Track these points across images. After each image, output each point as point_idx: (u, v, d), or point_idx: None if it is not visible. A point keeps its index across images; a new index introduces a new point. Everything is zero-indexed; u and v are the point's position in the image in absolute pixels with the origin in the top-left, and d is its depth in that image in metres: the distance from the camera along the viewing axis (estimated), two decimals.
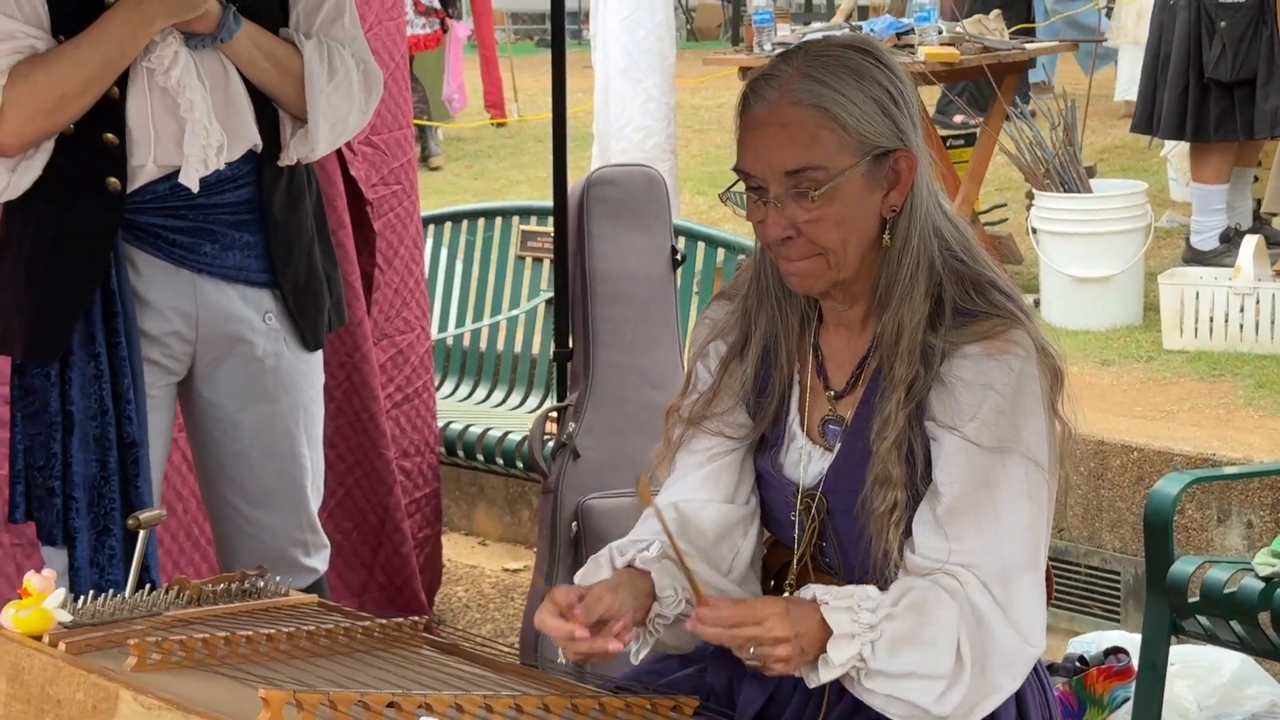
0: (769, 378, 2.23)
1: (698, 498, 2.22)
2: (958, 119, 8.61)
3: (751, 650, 1.98)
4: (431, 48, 10.13)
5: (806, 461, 2.20)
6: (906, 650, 2.00)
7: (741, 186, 2.15)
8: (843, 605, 2.00)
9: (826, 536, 2.18)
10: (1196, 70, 6.14)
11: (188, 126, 2.77)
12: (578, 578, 2.16)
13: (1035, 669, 2.22)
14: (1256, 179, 6.65)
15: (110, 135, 2.75)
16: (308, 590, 2.63)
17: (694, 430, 2.24)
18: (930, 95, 8.07)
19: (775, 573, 2.28)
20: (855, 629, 1.99)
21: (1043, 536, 2.09)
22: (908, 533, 2.08)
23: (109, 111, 2.75)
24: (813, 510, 2.18)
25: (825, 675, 2.00)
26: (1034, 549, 2.07)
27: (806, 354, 2.23)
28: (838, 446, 2.17)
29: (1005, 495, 2.04)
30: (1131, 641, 3.63)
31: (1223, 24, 5.99)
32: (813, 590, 2.03)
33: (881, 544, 2.08)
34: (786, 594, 2.21)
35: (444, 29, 10.26)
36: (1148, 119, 6.42)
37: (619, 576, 2.13)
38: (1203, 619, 3.37)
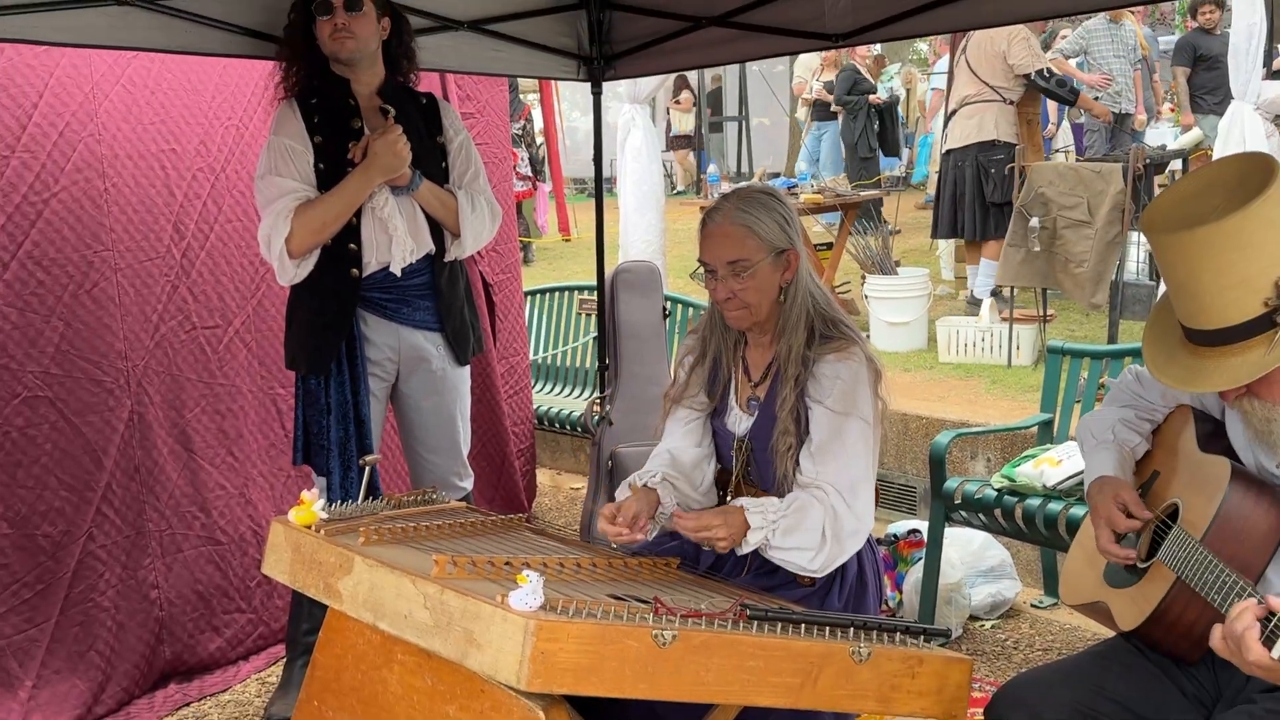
0: (716, 375, 2.23)
1: (682, 445, 2.22)
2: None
3: (706, 541, 1.98)
4: (528, 197, 10.12)
5: (738, 422, 2.19)
6: (791, 535, 1.99)
7: (701, 271, 2.15)
8: (757, 510, 2.00)
9: (750, 464, 2.17)
10: (981, 197, 6.03)
11: (394, 239, 2.76)
12: (617, 494, 2.19)
13: (869, 542, 2.21)
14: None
15: (352, 245, 2.74)
16: (461, 500, 2.61)
17: (676, 406, 2.24)
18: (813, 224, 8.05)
19: (721, 485, 2.26)
20: (763, 523, 1.99)
21: (872, 463, 2.08)
22: (796, 463, 2.07)
23: (350, 232, 2.73)
24: (743, 448, 2.17)
25: (745, 549, 2.01)
26: (867, 470, 2.06)
27: (738, 362, 2.22)
28: (756, 413, 2.16)
29: (850, 440, 2.03)
30: (923, 526, 3.61)
31: (992, 170, 5.94)
32: (741, 501, 2.03)
33: (782, 469, 2.07)
34: (729, 498, 2.21)
35: (534, 187, 10.25)
36: (949, 227, 6.24)
37: (639, 493, 2.14)
38: (963, 513, 3.35)
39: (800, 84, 10.34)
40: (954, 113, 6.16)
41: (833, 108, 9.45)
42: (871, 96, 9.26)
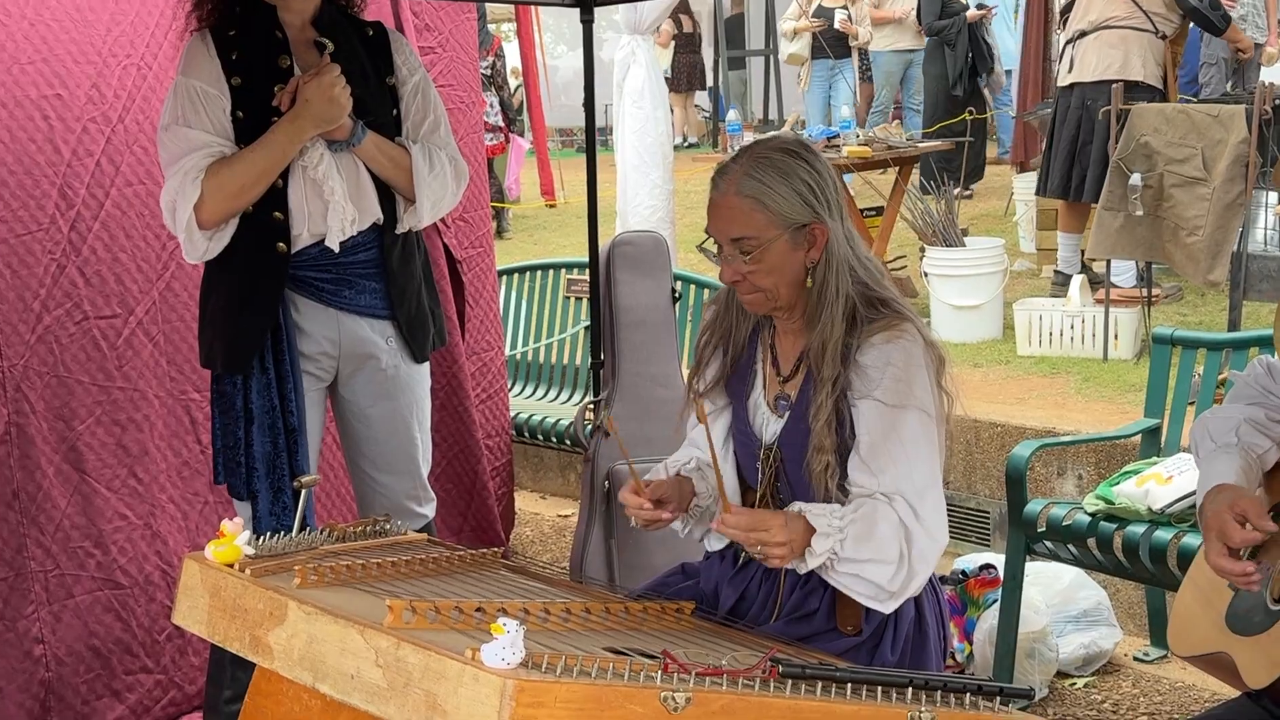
0: (735, 365, 2.26)
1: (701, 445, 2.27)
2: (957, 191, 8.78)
3: (759, 548, 1.98)
4: (499, 153, 10.13)
5: (765, 424, 2.20)
6: (865, 544, 2.00)
7: (710, 243, 2.18)
8: (821, 513, 2.01)
9: (780, 479, 2.18)
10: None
11: (330, 206, 2.76)
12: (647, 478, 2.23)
13: (931, 580, 2.20)
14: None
15: (277, 213, 2.74)
16: (420, 531, 2.62)
17: (702, 399, 2.27)
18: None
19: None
20: (830, 529, 2.00)
21: (939, 463, 2.08)
22: (841, 484, 2.07)
23: (276, 197, 2.73)
24: (771, 458, 2.18)
25: (811, 563, 2.02)
26: (933, 473, 2.06)
27: (766, 354, 2.23)
28: (786, 414, 2.17)
29: (909, 437, 2.04)
30: (998, 560, 3.61)
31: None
32: (797, 505, 2.05)
33: (821, 491, 2.07)
34: None
35: (506, 141, 10.26)
36: (1062, 183, 5.99)
37: (672, 479, 2.21)
38: (1048, 543, 3.35)
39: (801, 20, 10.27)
40: (1079, 36, 6.00)
41: (923, 36, 9.29)
42: (970, 13, 8.99)
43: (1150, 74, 5.87)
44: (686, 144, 14.09)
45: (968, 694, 1.76)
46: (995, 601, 3.49)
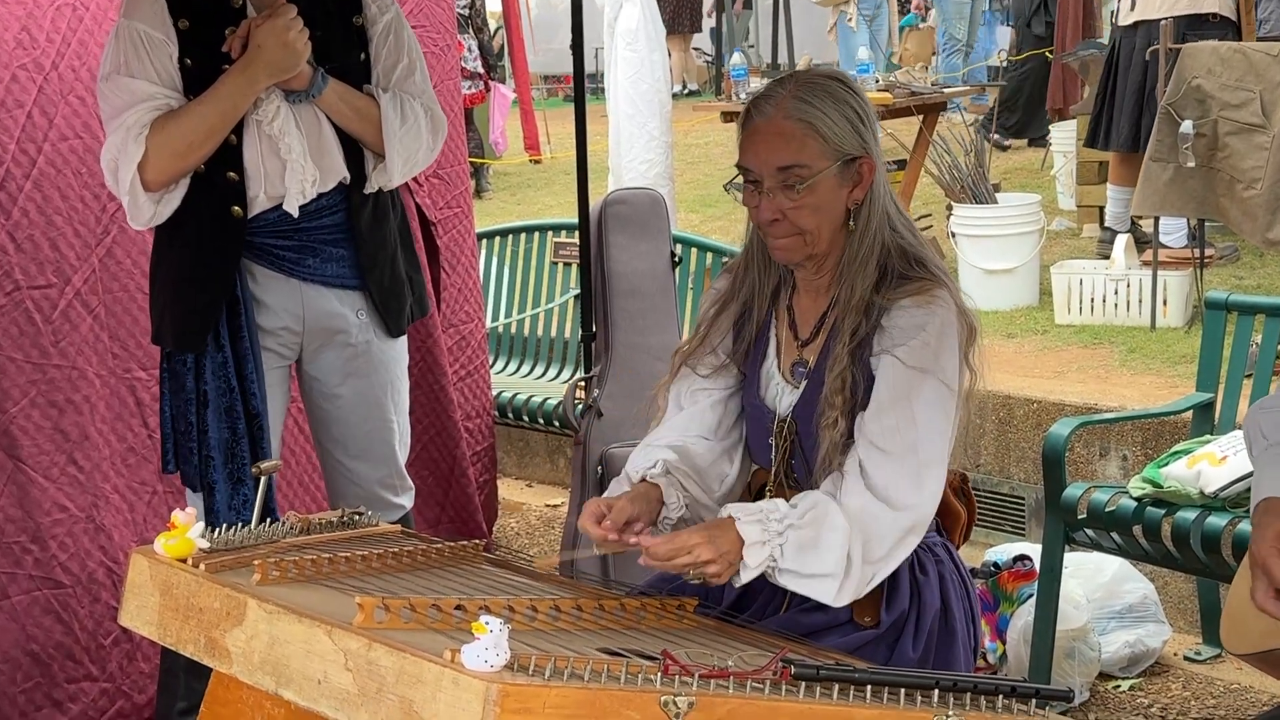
0: (748, 330, 2.25)
1: (692, 431, 2.24)
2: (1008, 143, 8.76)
3: (690, 572, 1.99)
4: (478, 103, 10.10)
5: (780, 395, 2.21)
6: (808, 555, 2.00)
7: (740, 180, 2.18)
8: (753, 519, 2.01)
9: (795, 455, 2.19)
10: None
11: (288, 165, 2.75)
12: (607, 492, 2.21)
13: (959, 571, 2.22)
14: None
15: (231, 174, 2.73)
16: (397, 523, 2.62)
17: (689, 373, 2.26)
18: None
19: (756, 491, 2.28)
20: (765, 536, 2.00)
21: (947, 444, 2.09)
22: (843, 449, 2.07)
23: (229, 155, 2.72)
24: (785, 432, 2.19)
25: (745, 576, 2.02)
26: (940, 450, 2.07)
27: (782, 313, 2.24)
28: (803, 384, 2.18)
29: (922, 404, 2.05)
30: (1034, 551, 3.63)
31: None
32: (728, 509, 2.04)
33: (826, 449, 2.08)
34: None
35: (486, 89, 10.22)
36: (1130, 133, 5.93)
37: (637, 489, 2.17)
38: (1089, 531, 3.36)
39: None
40: None
41: None
42: None
43: (1225, 6, 5.81)
44: (686, 91, 14.04)
45: (1000, 696, 1.77)
46: (1031, 596, 3.51)
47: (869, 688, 1.72)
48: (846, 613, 2.10)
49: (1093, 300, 5.51)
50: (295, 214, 2.77)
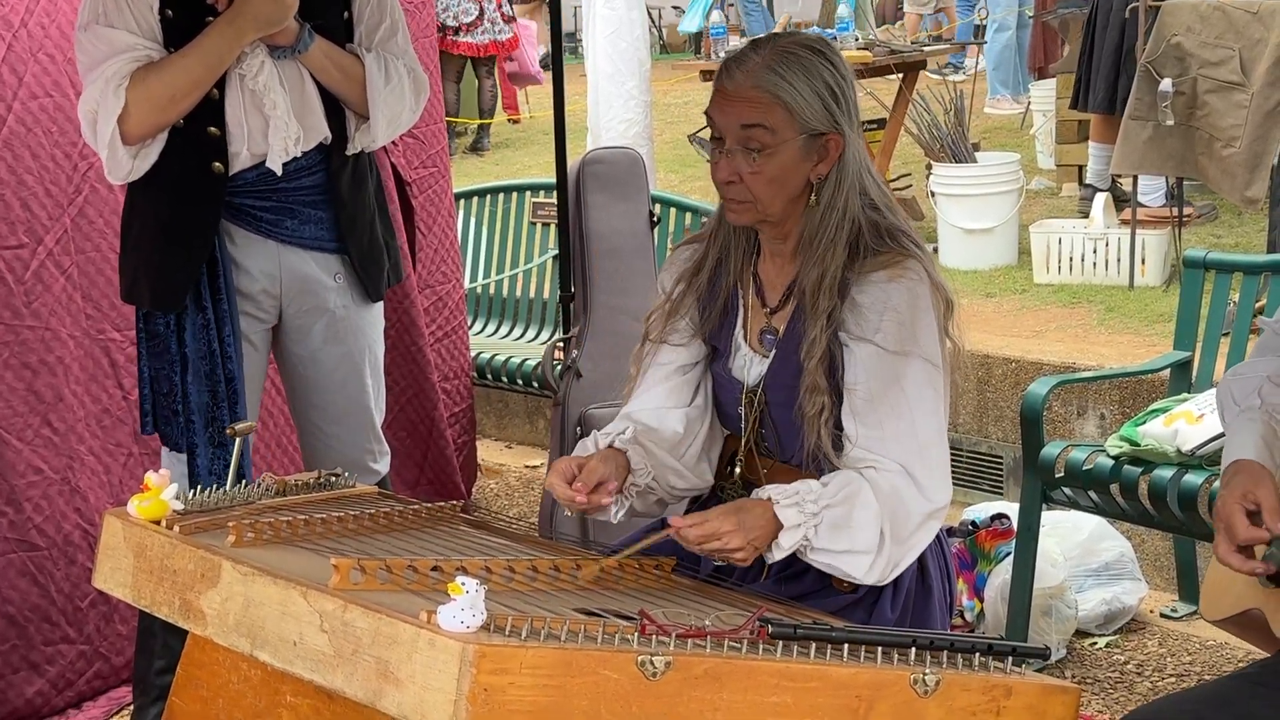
0: (716, 291, 2.23)
1: (663, 406, 2.23)
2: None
3: (717, 556, 2.00)
4: (515, 49, 10.05)
5: (749, 366, 2.20)
6: (840, 533, 2.00)
7: (705, 134, 2.15)
8: (790, 502, 2.01)
9: (765, 425, 2.18)
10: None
11: (271, 122, 2.73)
12: (575, 451, 2.20)
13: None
14: None
15: (213, 129, 2.71)
16: (374, 485, 2.61)
17: (658, 345, 2.25)
18: None
19: (728, 458, 2.27)
20: (801, 519, 2.00)
21: (943, 420, 2.09)
22: (835, 428, 2.07)
23: (211, 109, 2.70)
24: (755, 403, 2.18)
25: (777, 556, 2.02)
26: (938, 430, 2.07)
27: (748, 281, 2.22)
28: (773, 352, 2.16)
29: (912, 388, 2.04)
30: (1011, 509, 3.64)
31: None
32: (767, 491, 2.03)
33: (814, 438, 2.09)
34: (736, 473, 2.22)
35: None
36: (1107, 94, 5.89)
37: (604, 453, 2.15)
38: (1066, 490, 3.38)
39: None
40: None
41: None
42: None
43: None
44: (664, 51, 13.96)
45: (976, 654, 1.78)
46: (1008, 555, 3.53)
47: (846, 646, 1.72)
48: (825, 580, 2.10)
49: (1071, 259, 5.52)
50: (279, 172, 2.75)
